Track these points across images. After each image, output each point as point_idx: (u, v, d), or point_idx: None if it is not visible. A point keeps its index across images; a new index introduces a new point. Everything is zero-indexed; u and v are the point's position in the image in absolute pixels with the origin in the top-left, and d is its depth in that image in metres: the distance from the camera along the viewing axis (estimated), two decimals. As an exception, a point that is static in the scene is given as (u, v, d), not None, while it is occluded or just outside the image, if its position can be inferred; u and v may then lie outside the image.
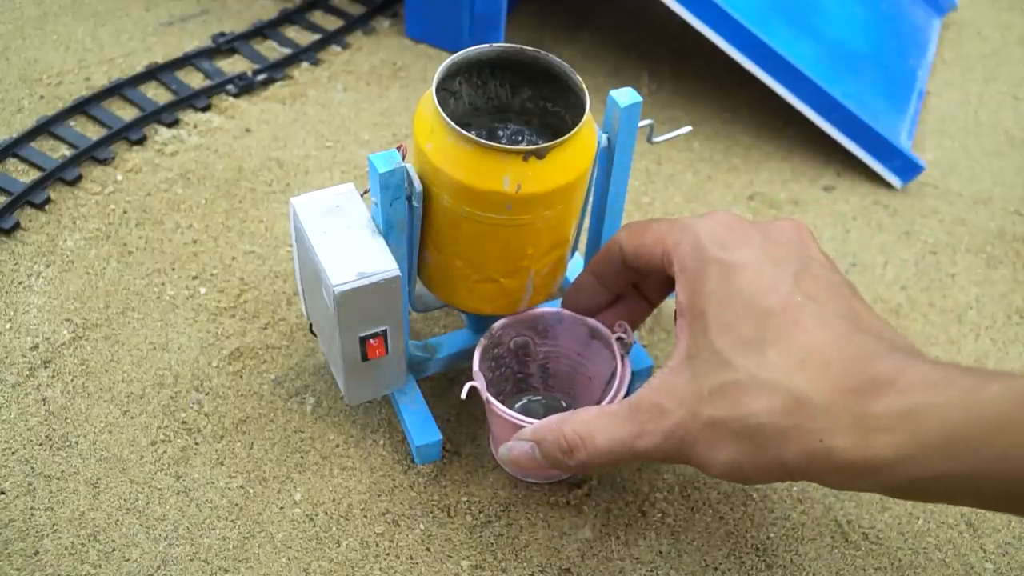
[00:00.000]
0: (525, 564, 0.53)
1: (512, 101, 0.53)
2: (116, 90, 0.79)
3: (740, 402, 0.40)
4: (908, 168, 0.79)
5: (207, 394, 0.59)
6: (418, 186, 0.47)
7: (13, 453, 0.55)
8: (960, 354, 0.66)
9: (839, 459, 0.38)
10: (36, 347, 0.61)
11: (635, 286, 0.54)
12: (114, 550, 0.52)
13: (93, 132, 0.76)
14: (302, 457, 0.57)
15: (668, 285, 0.52)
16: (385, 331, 0.50)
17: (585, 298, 0.54)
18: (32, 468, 0.55)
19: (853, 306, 0.42)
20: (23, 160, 0.72)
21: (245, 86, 0.81)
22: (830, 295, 0.42)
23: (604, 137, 0.51)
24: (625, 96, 0.50)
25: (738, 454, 0.40)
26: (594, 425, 0.44)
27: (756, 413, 0.39)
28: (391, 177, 0.47)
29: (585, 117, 0.47)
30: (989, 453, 0.35)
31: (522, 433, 0.48)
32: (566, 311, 0.55)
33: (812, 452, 0.38)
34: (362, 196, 0.52)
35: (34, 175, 0.71)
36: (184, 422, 0.58)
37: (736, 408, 0.40)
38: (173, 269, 0.66)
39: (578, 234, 0.55)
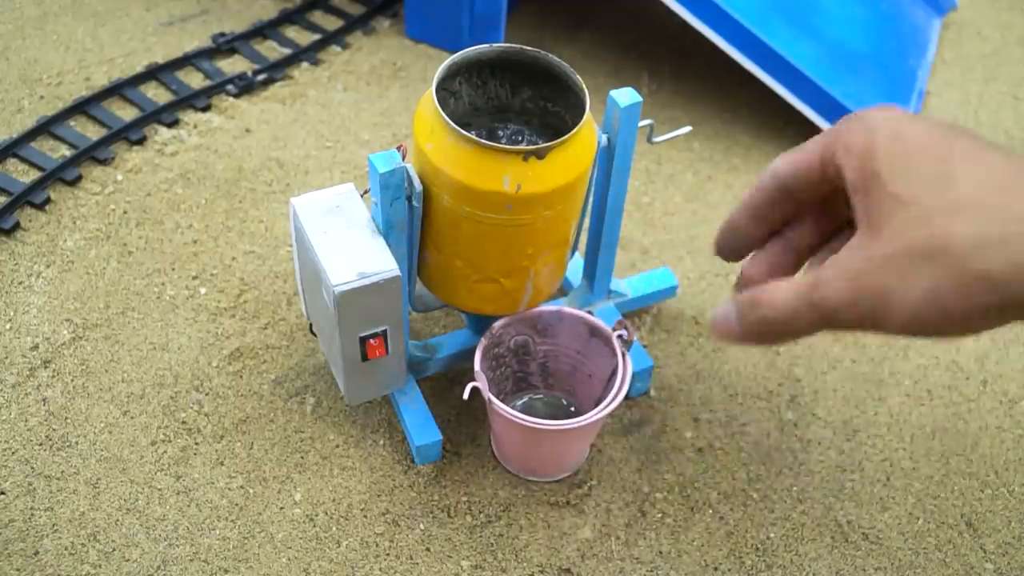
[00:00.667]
0: (525, 564, 0.53)
1: (512, 101, 0.53)
2: (116, 90, 0.79)
3: (933, 223, 0.38)
4: (908, 168, 0.79)
5: (207, 394, 0.59)
6: (418, 186, 0.47)
7: (13, 453, 0.55)
8: (960, 354, 0.66)
9: None
10: (36, 347, 0.61)
11: (784, 228, 0.49)
12: (114, 550, 0.52)
13: (93, 132, 0.76)
14: (302, 457, 0.57)
15: (824, 215, 0.50)
16: (385, 331, 0.50)
17: (738, 237, 0.49)
18: (32, 468, 0.55)
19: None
20: (23, 160, 0.72)
21: (245, 86, 0.81)
22: (1004, 150, 0.41)
23: (604, 137, 0.51)
24: (625, 96, 0.50)
25: (937, 277, 0.38)
26: (773, 285, 0.43)
27: (952, 232, 0.37)
28: (391, 177, 0.47)
29: (585, 117, 0.47)
30: None
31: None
32: (566, 310, 0.55)
33: (1019, 263, 0.36)
34: (362, 196, 0.52)
35: (34, 175, 0.71)
36: (184, 422, 0.58)
37: (929, 230, 0.38)
38: (173, 269, 0.66)
39: (578, 234, 0.55)
